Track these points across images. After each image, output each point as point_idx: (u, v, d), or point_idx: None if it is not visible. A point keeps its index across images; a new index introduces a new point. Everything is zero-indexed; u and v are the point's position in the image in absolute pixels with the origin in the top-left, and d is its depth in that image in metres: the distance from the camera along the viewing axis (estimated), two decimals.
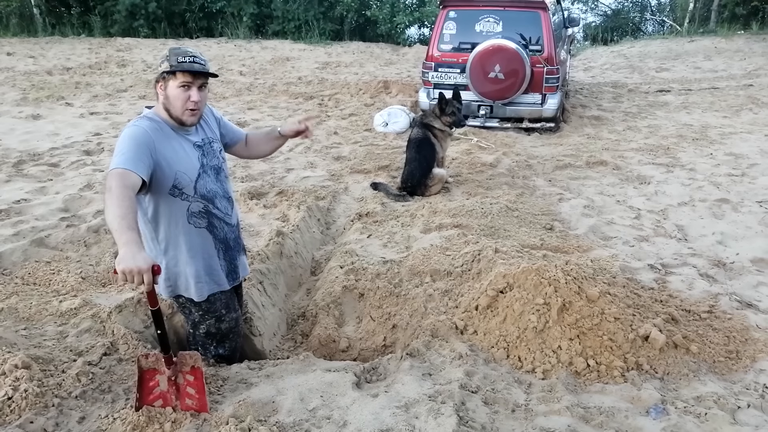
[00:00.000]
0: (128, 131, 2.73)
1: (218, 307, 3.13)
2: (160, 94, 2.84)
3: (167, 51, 2.80)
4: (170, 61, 2.75)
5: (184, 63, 2.76)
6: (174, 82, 2.78)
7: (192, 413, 2.71)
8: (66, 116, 9.33)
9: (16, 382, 2.74)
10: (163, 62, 2.78)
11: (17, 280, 4.15)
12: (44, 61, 14.62)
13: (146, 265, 2.27)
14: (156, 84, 2.85)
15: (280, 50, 17.50)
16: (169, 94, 2.81)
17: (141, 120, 2.82)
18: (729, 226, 5.28)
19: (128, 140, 2.67)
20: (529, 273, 3.45)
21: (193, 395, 2.76)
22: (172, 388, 2.76)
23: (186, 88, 2.80)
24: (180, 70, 2.76)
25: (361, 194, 6.23)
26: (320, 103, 10.70)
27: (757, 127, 8.73)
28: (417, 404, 2.76)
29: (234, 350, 3.34)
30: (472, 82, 8.47)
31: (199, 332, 3.20)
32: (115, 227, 2.35)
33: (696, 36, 18.52)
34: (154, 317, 2.65)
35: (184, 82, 2.79)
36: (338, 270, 4.40)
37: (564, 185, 6.45)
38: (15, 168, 6.65)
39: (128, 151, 2.62)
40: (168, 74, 2.78)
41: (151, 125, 2.80)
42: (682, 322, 3.54)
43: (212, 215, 3.02)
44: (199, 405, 2.75)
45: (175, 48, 2.82)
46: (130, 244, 2.30)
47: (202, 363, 2.82)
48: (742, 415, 2.83)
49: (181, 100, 2.81)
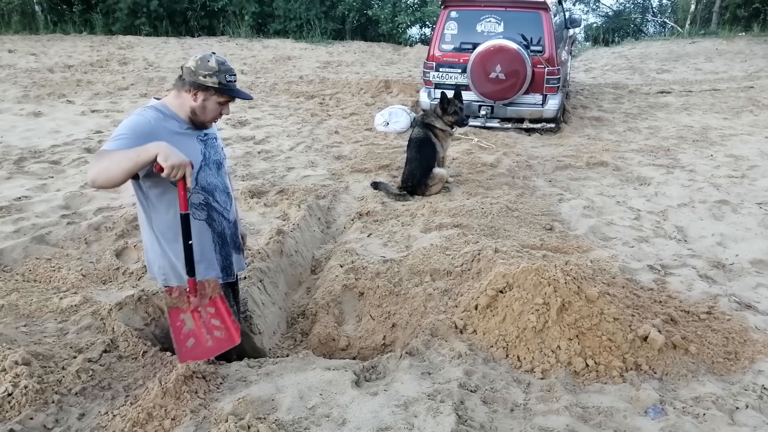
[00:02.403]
0: (132, 119, 2.75)
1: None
2: (192, 101, 2.85)
3: (215, 64, 2.79)
4: (220, 79, 2.79)
5: (232, 84, 2.85)
6: (218, 98, 2.85)
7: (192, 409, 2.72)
8: (67, 114, 9.33)
9: (16, 379, 2.75)
10: (210, 76, 2.78)
11: (18, 277, 4.16)
12: (46, 58, 14.62)
13: (187, 159, 2.55)
14: (190, 89, 2.82)
15: (281, 49, 17.49)
16: (207, 106, 2.86)
17: (147, 110, 2.82)
18: (729, 227, 5.29)
19: (127, 128, 2.69)
20: (528, 273, 3.46)
21: (219, 326, 2.85)
22: (199, 322, 2.84)
23: (224, 104, 2.91)
24: (229, 93, 2.86)
25: (361, 193, 6.24)
26: (321, 102, 10.71)
27: (758, 128, 8.74)
28: (416, 403, 2.77)
29: None
30: (473, 82, 8.47)
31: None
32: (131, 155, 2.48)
33: (697, 37, 18.51)
34: (183, 223, 2.74)
35: (227, 101, 2.90)
36: (338, 269, 4.41)
37: (564, 186, 6.46)
38: (16, 165, 6.65)
39: (124, 138, 2.63)
40: (214, 90, 2.82)
41: (156, 116, 2.81)
42: (681, 323, 3.55)
43: (212, 208, 3.05)
44: (227, 335, 2.84)
45: (222, 62, 2.83)
46: (162, 145, 2.49)
47: (220, 290, 2.97)
48: (741, 415, 2.84)
49: (216, 112, 2.92)
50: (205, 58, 2.81)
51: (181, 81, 2.85)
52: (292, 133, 8.61)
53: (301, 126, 9.03)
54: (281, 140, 8.21)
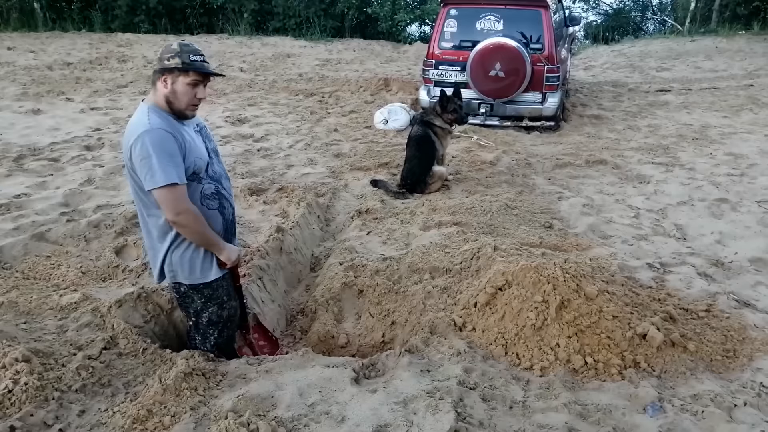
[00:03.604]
0: (154, 140, 2.75)
1: (221, 293, 3.20)
2: (164, 87, 2.87)
3: (177, 46, 2.83)
4: (182, 58, 2.81)
5: (195, 62, 2.84)
6: (184, 79, 2.84)
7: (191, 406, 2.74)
8: (66, 111, 9.33)
9: (16, 376, 2.75)
10: (172, 57, 2.81)
11: (17, 274, 4.16)
12: (45, 56, 14.61)
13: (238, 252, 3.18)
14: (159, 77, 2.86)
15: (280, 47, 17.49)
16: (176, 89, 2.86)
17: (153, 120, 2.81)
18: (728, 225, 5.29)
19: (157, 149, 2.74)
20: (528, 271, 3.46)
21: (264, 345, 3.69)
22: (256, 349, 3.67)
23: (194, 86, 2.88)
24: (193, 69, 2.83)
25: (360, 191, 6.24)
26: (320, 100, 10.70)
27: (757, 127, 8.74)
28: (415, 400, 2.78)
29: (230, 339, 3.43)
30: (472, 80, 8.47)
31: (201, 321, 3.25)
32: (214, 238, 3.03)
33: (697, 36, 18.51)
34: (237, 292, 3.40)
35: (195, 80, 2.87)
36: (338, 266, 4.42)
37: (563, 184, 6.46)
38: (15, 163, 6.65)
39: (162, 163, 2.73)
40: (178, 71, 2.82)
41: (164, 124, 2.82)
42: (680, 321, 3.56)
43: (222, 196, 3.12)
44: (270, 348, 3.72)
45: (185, 44, 2.87)
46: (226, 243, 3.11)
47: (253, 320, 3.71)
48: (739, 413, 2.84)
49: (189, 96, 2.90)
50: (168, 44, 2.86)
51: (153, 74, 2.91)
52: (291, 130, 8.61)
53: (301, 124, 9.03)
54: (280, 138, 8.21)
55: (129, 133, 2.83)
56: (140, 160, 2.75)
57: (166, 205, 2.81)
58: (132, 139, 2.77)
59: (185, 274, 3.06)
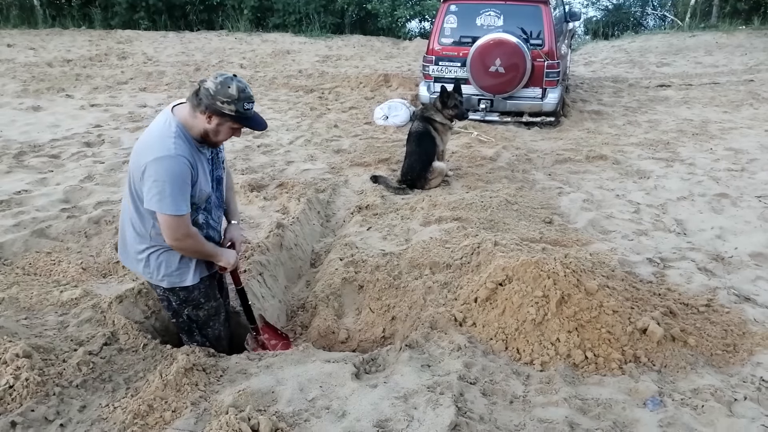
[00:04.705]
0: (174, 169, 2.74)
1: (197, 295, 3.21)
2: (206, 123, 2.82)
3: (235, 91, 2.75)
4: (238, 107, 2.77)
5: (249, 112, 2.84)
6: (232, 124, 2.85)
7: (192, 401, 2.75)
8: (66, 108, 9.32)
9: (17, 371, 2.76)
10: (228, 104, 2.75)
11: (18, 271, 4.17)
12: (44, 52, 14.60)
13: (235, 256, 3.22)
14: (205, 112, 2.78)
15: (280, 43, 17.47)
16: (219, 130, 2.86)
17: (178, 146, 2.77)
18: (728, 220, 5.29)
19: (173, 178, 2.74)
20: (528, 266, 3.47)
21: (276, 344, 3.70)
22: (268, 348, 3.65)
23: (237, 130, 2.92)
24: (247, 125, 2.88)
25: (361, 187, 6.23)
26: (320, 96, 10.69)
27: (758, 122, 8.72)
28: (416, 395, 2.78)
29: (217, 339, 3.39)
30: (472, 75, 8.45)
31: (181, 320, 3.29)
32: (212, 251, 3.09)
33: (697, 31, 18.47)
34: (239, 295, 3.50)
35: (240, 128, 2.91)
36: (338, 262, 4.42)
37: (563, 179, 6.45)
38: (16, 159, 6.65)
39: (175, 193, 2.74)
40: (230, 118, 2.80)
41: (187, 151, 2.80)
42: (680, 316, 3.56)
43: (210, 226, 3.16)
44: (283, 346, 3.69)
45: (243, 89, 2.78)
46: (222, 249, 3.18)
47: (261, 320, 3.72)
48: (739, 407, 2.85)
49: (227, 136, 2.93)
50: (225, 83, 2.74)
51: (197, 100, 2.78)
52: (291, 126, 8.60)
53: (301, 120, 9.03)
54: (280, 134, 8.20)
55: (148, 145, 2.79)
56: (153, 181, 2.72)
57: (166, 230, 2.82)
58: (151, 157, 2.72)
59: (160, 276, 3.06)
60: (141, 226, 2.95)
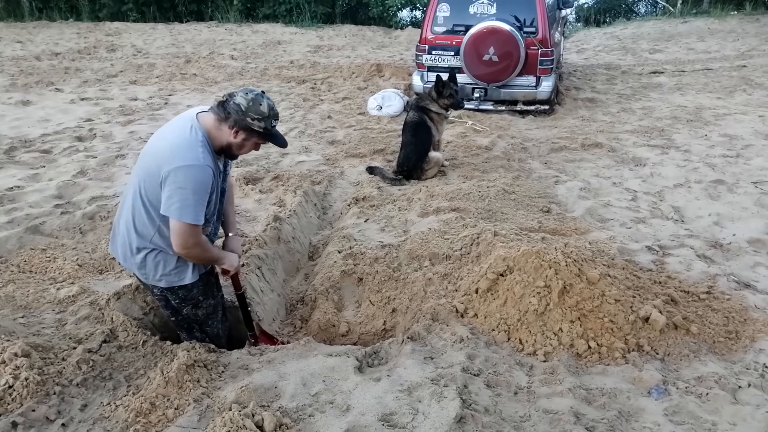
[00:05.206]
0: (200, 178, 2.77)
1: (195, 294, 3.17)
2: (232, 137, 2.86)
3: (266, 109, 2.83)
4: (266, 124, 2.85)
5: (275, 129, 2.95)
6: (257, 140, 2.94)
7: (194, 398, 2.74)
8: (56, 102, 9.21)
9: (16, 371, 2.72)
10: (259, 120, 2.82)
11: (13, 268, 4.12)
12: (32, 46, 14.43)
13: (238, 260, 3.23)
14: (234, 127, 2.82)
15: (271, 34, 17.34)
16: (244, 144, 2.93)
17: (205, 156, 2.79)
18: (725, 207, 5.29)
19: (198, 187, 2.77)
20: (529, 256, 3.45)
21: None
22: None
23: (259, 145, 3.02)
24: (273, 142, 3.00)
25: (356, 178, 6.19)
26: (313, 87, 10.61)
27: (751, 108, 8.73)
28: (420, 388, 2.77)
29: (217, 336, 3.37)
30: (466, 64, 8.40)
31: (180, 318, 3.29)
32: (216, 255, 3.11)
33: (689, 17, 18.46)
34: (239, 300, 3.45)
35: (264, 144, 3.03)
36: (336, 255, 4.39)
37: (560, 168, 6.44)
38: (6, 155, 6.57)
39: (197, 202, 2.77)
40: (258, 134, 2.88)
41: (212, 161, 2.84)
42: (681, 303, 3.56)
43: (208, 238, 3.12)
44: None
45: (272, 107, 2.88)
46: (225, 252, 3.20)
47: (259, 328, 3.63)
48: (743, 394, 2.85)
49: (249, 150, 3.03)
50: (257, 100, 2.81)
51: (224, 112, 2.82)
52: (284, 118, 8.53)
53: (294, 111, 8.96)
54: None
55: (173, 152, 2.77)
56: (177, 188, 2.71)
57: (178, 237, 2.80)
58: (178, 164, 2.72)
59: (158, 276, 3.03)
60: (144, 227, 2.91)
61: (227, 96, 2.86)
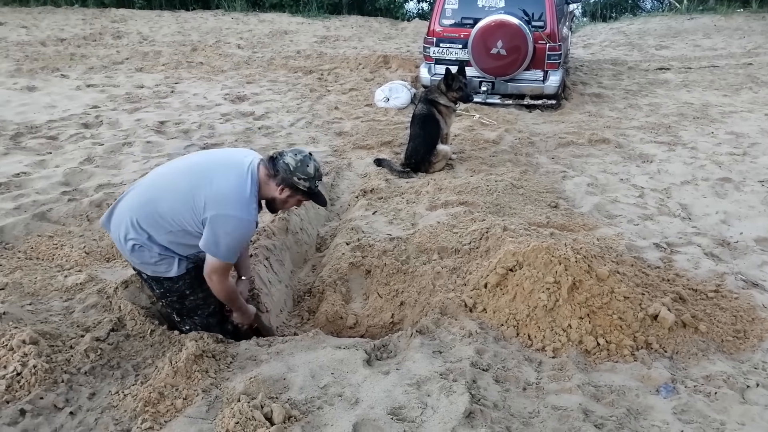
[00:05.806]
0: (245, 231, 2.97)
1: (181, 286, 3.18)
2: (278, 193, 3.01)
3: (313, 170, 3.00)
4: (311, 184, 3.02)
5: (318, 189, 3.10)
6: (301, 198, 3.10)
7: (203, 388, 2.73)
8: (62, 88, 9.18)
9: (24, 358, 2.72)
10: (305, 180, 2.99)
11: (20, 255, 4.12)
12: (37, 31, 14.38)
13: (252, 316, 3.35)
14: (281, 185, 2.97)
15: (277, 23, 17.29)
16: (288, 201, 3.09)
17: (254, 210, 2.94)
18: (732, 205, 5.27)
19: (242, 238, 3.02)
20: (539, 251, 3.44)
21: None
22: None
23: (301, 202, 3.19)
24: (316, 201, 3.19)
25: (364, 170, 6.18)
26: (320, 78, 10.57)
27: (757, 106, 8.70)
28: (429, 382, 2.76)
29: (207, 327, 3.31)
30: (474, 57, 8.37)
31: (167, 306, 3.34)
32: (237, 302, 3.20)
33: (695, 13, 18.37)
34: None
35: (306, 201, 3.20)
36: (344, 246, 4.38)
37: (567, 163, 6.42)
38: (13, 141, 6.55)
39: (237, 248, 2.99)
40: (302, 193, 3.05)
41: (257, 216, 3.00)
42: (689, 302, 3.55)
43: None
44: None
45: (318, 168, 3.05)
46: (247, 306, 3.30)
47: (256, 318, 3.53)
48: (752, 394, 2.85)
49: (291, 207, 3.22)
50: (305, 161, 2.98)
51: (275, 170, 2.97)
52: (291, 108, 8.51)
53: (301, 101, 8.93)
54: (281, 116, 8.12)
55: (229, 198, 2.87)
56: (223, 232, 2.87)
57: (210, 269, 2.96)
58: (230, 212, 2.86)
59: (144, 265, 3.06)
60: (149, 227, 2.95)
61: (278, 154, 3.03)
